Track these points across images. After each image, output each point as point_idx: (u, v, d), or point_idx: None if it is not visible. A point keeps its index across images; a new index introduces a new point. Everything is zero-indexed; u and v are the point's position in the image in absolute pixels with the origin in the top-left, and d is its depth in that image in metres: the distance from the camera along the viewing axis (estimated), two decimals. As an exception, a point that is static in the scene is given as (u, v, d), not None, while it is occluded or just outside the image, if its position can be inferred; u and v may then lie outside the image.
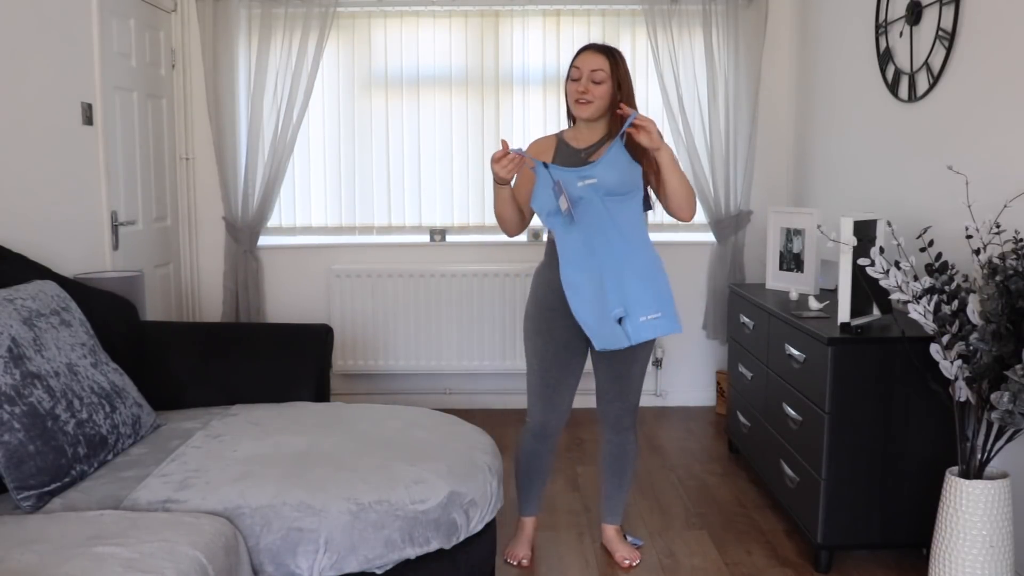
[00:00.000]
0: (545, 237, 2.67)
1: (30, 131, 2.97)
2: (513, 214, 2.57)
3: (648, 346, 2.64)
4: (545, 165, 2.46)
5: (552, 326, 2.60)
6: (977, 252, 2.26)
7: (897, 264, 2.38)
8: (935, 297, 2.30)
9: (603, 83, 2.49)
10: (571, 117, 2.64)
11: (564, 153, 2.59)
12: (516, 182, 2.61)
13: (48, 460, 1.99)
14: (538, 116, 4.36)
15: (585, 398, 3.23)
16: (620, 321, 2.41)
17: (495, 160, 2.38)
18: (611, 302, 2.41)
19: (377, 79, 4.35)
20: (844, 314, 2.64)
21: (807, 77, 4.17)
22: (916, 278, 2.37)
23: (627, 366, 2.64)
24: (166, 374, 2.78)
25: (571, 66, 2.54)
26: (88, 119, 3.35)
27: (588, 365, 2.70)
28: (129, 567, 1.62)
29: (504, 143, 2.38)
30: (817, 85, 4.05)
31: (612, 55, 2.52)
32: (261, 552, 1.94)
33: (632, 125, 2.37)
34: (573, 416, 4.24)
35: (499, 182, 2.46)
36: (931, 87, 2.95)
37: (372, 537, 2.00)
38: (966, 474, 2.31)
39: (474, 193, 4.42)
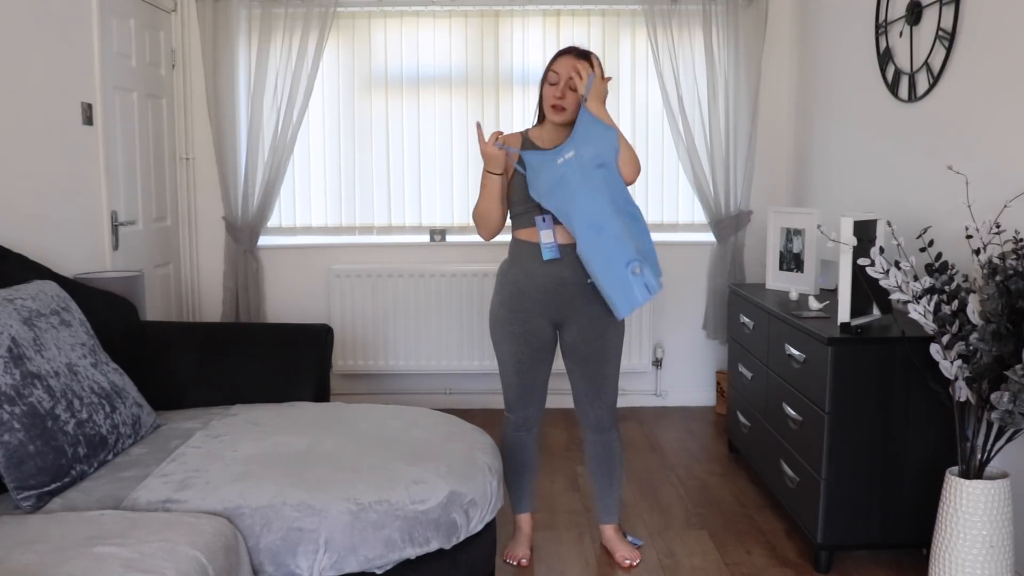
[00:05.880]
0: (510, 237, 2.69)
1: (30, 131, 2.97)
2: (498, 207, 2.59)
3: (619, 342, 2.67)
4: (520, 157, 2.55)
5: (525, 329, 2.62)
6: (977, 252, 2.26)
7: (897, 264, 2.38)
8: (935, 297, 2.30)
9: (578, 91, 2.54)
10: (539, 116, 2.68)
11: (531, 152, 2.61)
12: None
13: (48, 460, 1.99)
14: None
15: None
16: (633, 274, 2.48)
17: (484, 143, 2.49)
18: (624, 258, 2.45)
19: (377, 79, 4.36)
20: (844, 314, 2.64)
21: (807, 77, 4.17)
22: (916, 278, 2.37)
23: (600, 366, 2.65)
24: (166, 374, 2.78)
25: (549, 69, 2.57)
26: (88, 119, 3.35)
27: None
28: (129, 567, 1.62)
29: (479, 126, 2.54)
30: (817, 85, 4.05)
31: (590, 60, 2.57)
32: (261, 552, 1.94)
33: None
34: (572, 416, 4.24)
35: (492, 170, 2.53)
36: (931, 87, 2.95)
37: (372, 537, 2.00)
38: (966, 474, 2.30)
39: (474, 193, 4.41)
